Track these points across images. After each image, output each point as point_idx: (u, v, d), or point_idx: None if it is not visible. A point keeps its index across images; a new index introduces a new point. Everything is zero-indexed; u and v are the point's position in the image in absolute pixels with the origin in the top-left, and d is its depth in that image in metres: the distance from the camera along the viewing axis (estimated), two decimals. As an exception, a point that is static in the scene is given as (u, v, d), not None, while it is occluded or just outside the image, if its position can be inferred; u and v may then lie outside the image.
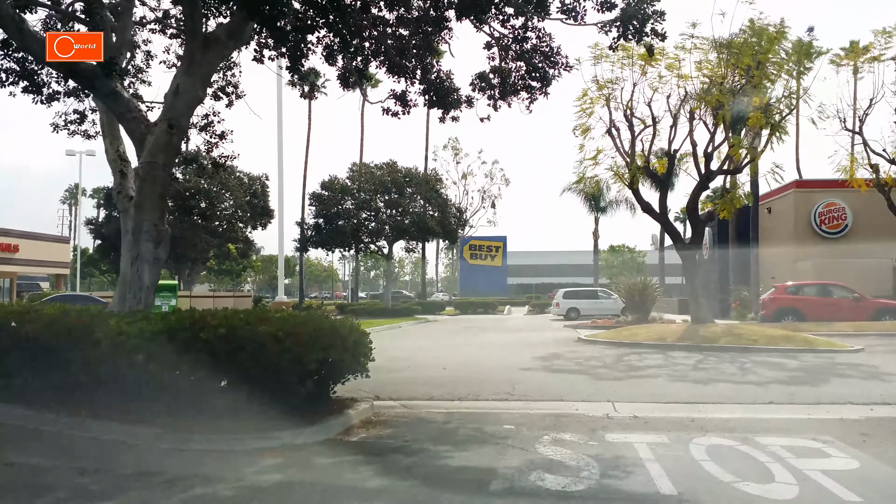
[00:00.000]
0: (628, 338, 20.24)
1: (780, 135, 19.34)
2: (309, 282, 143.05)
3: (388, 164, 50.64)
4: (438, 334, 27.40)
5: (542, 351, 18.24)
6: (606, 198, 61.47)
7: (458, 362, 15.66)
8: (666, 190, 20.84)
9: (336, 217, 49.37)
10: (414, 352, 18.92)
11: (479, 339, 23.69)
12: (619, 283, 33.56)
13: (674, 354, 16.85)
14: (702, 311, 20.55)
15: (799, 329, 22.28)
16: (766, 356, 16.26)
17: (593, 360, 15.74)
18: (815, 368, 14.13)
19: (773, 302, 26.60)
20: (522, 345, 20.69)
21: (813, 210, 33.04)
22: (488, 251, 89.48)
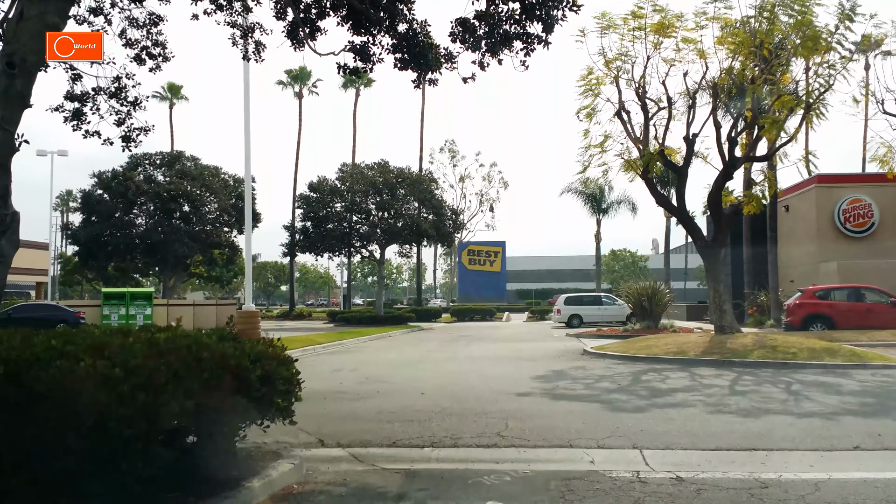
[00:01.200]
0: (642, 350, 17.55)
1: (817, 117, 16.64)
2: (304, 289, 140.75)
3: (380, 165, 47.99)
4: (428, 345, 24.69)
5: (543, 367, 15.54)
6: (608, 198, 59.18)
7: (442, 384, 12.94)
8: (684, 180, 18.11)
9: (325, 220, 46.80)
10: (393, 369, 16.20)
11: (471, 352, 20.98)
12: (627, 288, 30.81)
13: (701, 372, 14.14)
14: (727, 319, 17.84)
15: (834, 338, 19.57)
16: (811, 374, 13.57)
17: (605, 381, 13.03)
18: (882, 391, 11.44)
19: (799, 308, 23.89)
20: (520, 359, 18.00)
21: (836, 207, 30.32)
22: (487, 256, 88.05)
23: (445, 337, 30.58)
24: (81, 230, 48.37)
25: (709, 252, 17.89)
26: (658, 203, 18.65)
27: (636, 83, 17.74)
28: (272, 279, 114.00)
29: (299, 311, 63.08)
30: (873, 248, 29.54)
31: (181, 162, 52.23)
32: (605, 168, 18.12)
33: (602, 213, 59.81)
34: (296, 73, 64.69)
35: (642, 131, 18.42)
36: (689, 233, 18.16)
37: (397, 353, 20.92)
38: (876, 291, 23.46)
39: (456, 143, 77.24)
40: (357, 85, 64.09)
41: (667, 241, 59.95)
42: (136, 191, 48.05)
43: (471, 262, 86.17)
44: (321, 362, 18.19)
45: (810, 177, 30.81)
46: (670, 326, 28.41)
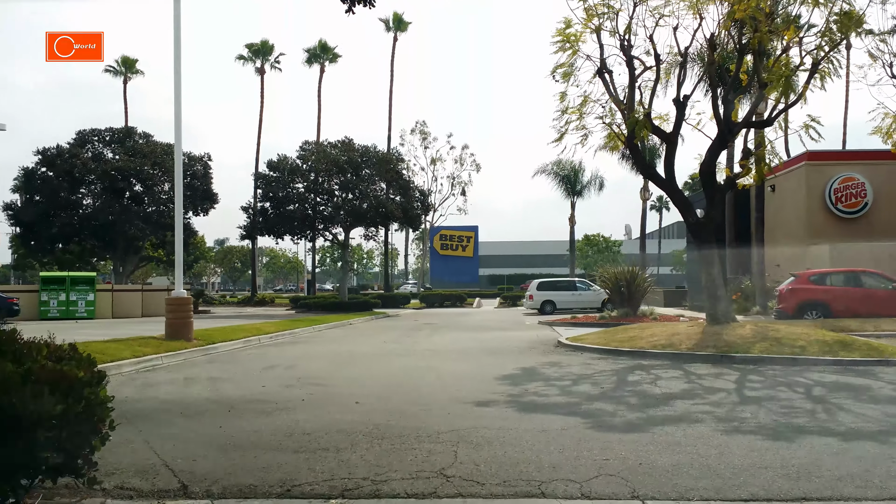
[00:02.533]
0: (625, 342, 15.33)
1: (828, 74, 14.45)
2: (273, 274, 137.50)
3: (344, 143, 45.34)
4: (387, 335, 22.32)
5: (512, 364, 13.24)
6: (582, 179, 57.12)
7: (387, 389, 10.59)
8: (673, 148, 15.81)
9: (285, 201, 44.15)
10: (336, 366, 13.79)
11: (433, 343, 18.66)
12: (604, 273, 28.68)
13: (697, 371, 11.94)
14: (721, 307, 15.66)
15: (837, 328, 17.59)
16: (829, 373, 11.43)
17: (584, 383, 10.76)
18: (925, 396, 9.32)
19: (793, 294, 21.85)
20: (487, 352, 15.71)
21: (827, 186, 28.31)
22: (459, 241, 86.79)
23: (409, 325, 28.26)
24: (23, 210, 45.22)
25: (701, 230, 15.67)
26: (644, 174, 16.40)
27: (620, 35, 15.40)
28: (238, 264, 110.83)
29: (262, 296, 60.33)
30: (867, 230, 27.62)
31: (132, 139, 49.16)
32: (585, 133, 15.77)
33: (576, 196, 57.72)
34: (257, 47, 61.58)
35: (626, 94, 16.13)
36: (679, 207, 15.96)
37: (349, 345, 18.54)
38: (876, 276, 21.49)
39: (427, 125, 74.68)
40: (322, 60, 61.23)
41: (643, 224, 58.12)
42: (82, 169, 44.97)
43: (443, 247, 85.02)
44: (258, 356, 15.77)
45: (799, 154, 28.88)
46: (650, 314, 26.35)
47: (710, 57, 14.91)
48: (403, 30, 60.56)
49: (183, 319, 18.02)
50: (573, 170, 56.76)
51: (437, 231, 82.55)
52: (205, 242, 78.76)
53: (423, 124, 66.95)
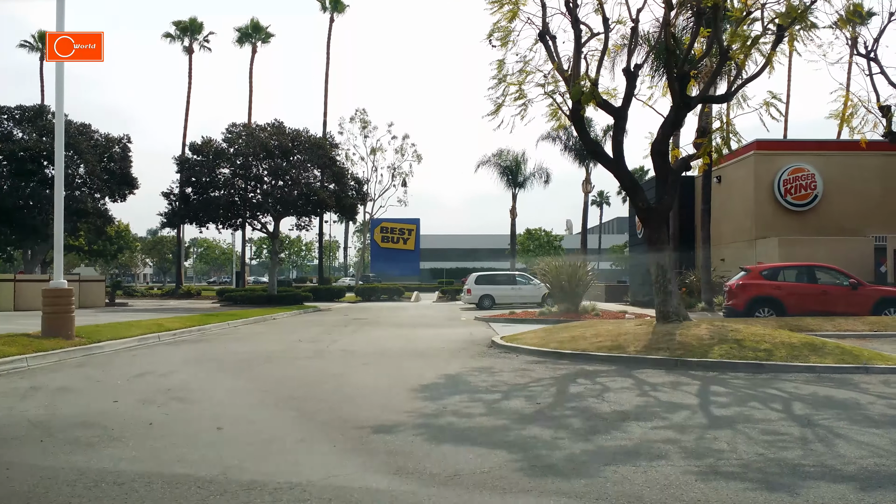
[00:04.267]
0: (567, 343, 13.49)
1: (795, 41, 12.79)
2: (207, 265, 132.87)
3: (274, 126, 42.66)
4: (307, 332, 20.11)
5: (435, 370, 11.23)
6: (524, 171, 55.67)
7: (264, 408, 8.46)
8: (623, 124, 13.94)
9: (210, 186, 41.31)
10: (222, 374, 11.55)
11: (352, 343, 16.56)
12: (544, 266, 26.96)
13: (651, 379, 10.12)
14: (672, 304, 13.93)
15: (795, 326, 16.14)
16: (803, 382, 9.74)
17: (518, 396, 8.79)
18: (927, 415, 7.66)
19: (744, 290, 20.39)
20: (410, 355, 13.69)
21: (776, 177, 27.15)
22: (401, 234, 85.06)
23: (336, 321, 26.08)
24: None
25: (651, 215, 13.89)
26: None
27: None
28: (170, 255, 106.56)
29: (187, 288, 57.20)
30: (816, 223, 26.57)
31: (44, 118, 45.49)
32: (524, 103, 13.81)
33: (518, 188, 56.23)
34: (185, 24, 58.30)
35: (571, 63, 14.25)
36: (627, 191, 14.19)
37: (256, 345, 16.30)
38: (832, 271, 20.18)
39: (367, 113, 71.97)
40: (253, 40, 58.31)
41: (584, 217, 57.04)
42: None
43: (384, 239, 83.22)
44: (142, 359, 13.44)
45: (748, 143, 27.64)
46: (592, 309, 24.75)
47: (667, 17, 13.12)
48: (341, 11, 57.98)
49: (61, 314, 15.47)
50: (515, 160, 55.33)
51: (377, 223, 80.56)
52: (129, 231, 74.76)
53: (363, 112, 64.44)
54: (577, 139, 47.59)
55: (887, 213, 26.19)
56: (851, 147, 26.51)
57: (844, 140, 28.44)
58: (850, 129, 18.88)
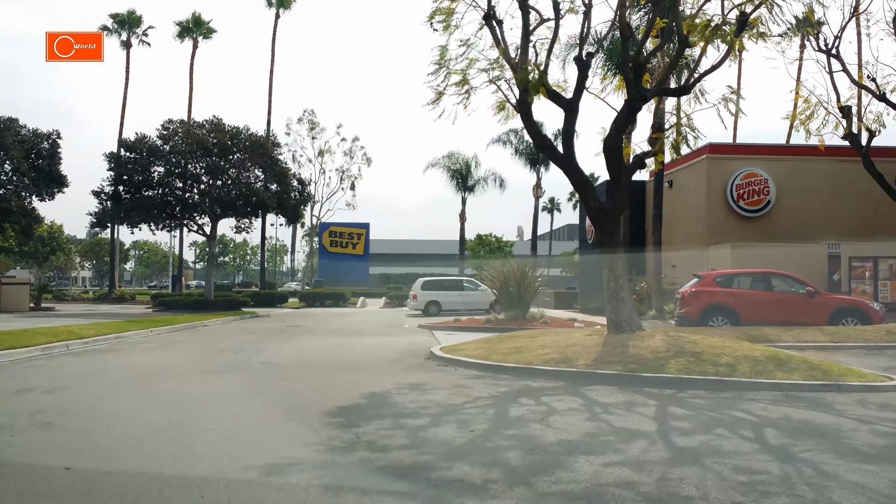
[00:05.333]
0: (511, 355, 12.28)
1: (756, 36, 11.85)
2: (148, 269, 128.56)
3: (213, 122, 40.67)
4: (231, 341, 18.56)
5: (361, 387, 9.87)
6: (475, 175, 54.68)
7: (143, 440, 7.03)
8: (574, 116, 12.80)
9: (143, 185, 39.18)
10: (114, 391, 9.98)
11: (278, 353, 15.12)
12: (492, 271, 25.81)
13: (602, 398, 8.94)
14: (625, 312, 12.82)
15: (753, 337, 15.19)
16: (772, 403, 8.66)
17: (449, 423, 7.50)
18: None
19: (697, 297, 19.48)
20: (339, 368, 12.32)
21: (729, 182, 26.49)
22: (350, 239, 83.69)
23: (270, 328, 24.52)
24: None
25: (604, 217, 12.77)
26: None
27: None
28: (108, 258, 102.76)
29: (121, 293, 54.48)
30: (769, 230, 25.95)
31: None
32: (468, 90, 12.59)
33: (468, 191, 55.14)
34: (123, 17, 55.87)
35: (519, 51, 13.09)
36: (578, 189, 13.07)
37: (169, 357, 14.73)
38: (788, 279, 19.40)
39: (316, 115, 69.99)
40: (195, 35, 56.13)
41: (534, 223, 56.29)
42: None
43: (332, 244, 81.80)
44: (36, 370, 11.85)
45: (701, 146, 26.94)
46: (541, 317, 23.64)
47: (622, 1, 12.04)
48: (287, 7, 56.11)
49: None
50: (465, 164, 54.33)
51: (326, 227, 78.99)
52: (62, 232, 71.56)
53: (311, 113, 62.88)
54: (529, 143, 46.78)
55: (841, 220, 25.75)
56: (805, 152, 26.06)
57: (798, 145, 27.99)
58: (806, 133, 18.20)
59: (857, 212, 26.07)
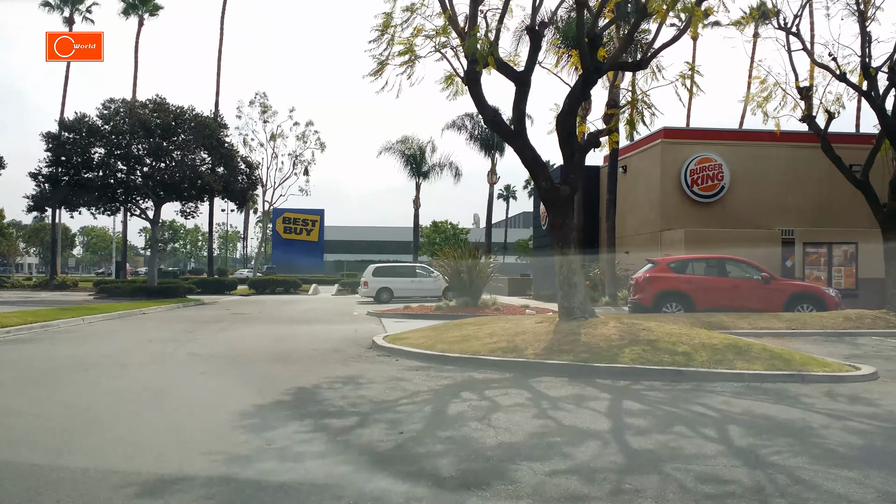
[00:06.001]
0: (456, 344, 11.47)
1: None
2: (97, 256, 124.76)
3: (156, 102, 38.95)
4: (166, 330, 17.45)
5: (289, 381, 8.93)
6: (429, 160, 53.74)
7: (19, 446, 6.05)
8: (526, 90, 11.93)
9: (83, 167, 37.37)
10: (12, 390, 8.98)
11: (212, 344, 14.11)
12: (443, 256, 25.01)
13: (551, 391, 8.20)
14: (577, 299, 12.12)
15: (708, 323, 14.68)
16: (734, 395, 8.00)
17: (379, 422, 6.63)
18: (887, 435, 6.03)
19: (651, 283, 18.95)
20: (273, 359, 11.36)
21: (683, 167, 26.01)
22: (304, 225, 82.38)
23: (212, 316, 23.41)
24: None
25: (556, 198, 12.02)
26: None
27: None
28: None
29: (63, 279, 52.26)
30: (723, 215, 25.55)
31: None
32: (411, 58, 11.67)
33: (422, 177, 54.19)
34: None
35: (468, 19, 12.23)
36: (529, 168, 12.26)
37: (91, 348, 13.56)
38: (743, 264, 18.96)
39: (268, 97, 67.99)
40: (140, 12, 53.96)
41: (489, 210, 55.75)
42: None
43: (286, 230, 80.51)
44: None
45: (656, 130, 26.45)
46: (492, 303, 22.94)
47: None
48: (236, -15, 54.28)
49: None
50: (420, 149, 53.39)
51: (280, 213, 77.62)
52: (2, 216, 68.67)
53: (263, 96, 61.24)
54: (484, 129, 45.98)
55: (795, 207, 25.49)
56: (760, 137, 25.73)
57: (753, 130, 27.66)
58: (764, 115, 17.69)
59: (811, 198, 25.86)
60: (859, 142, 23.84)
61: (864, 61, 15.67)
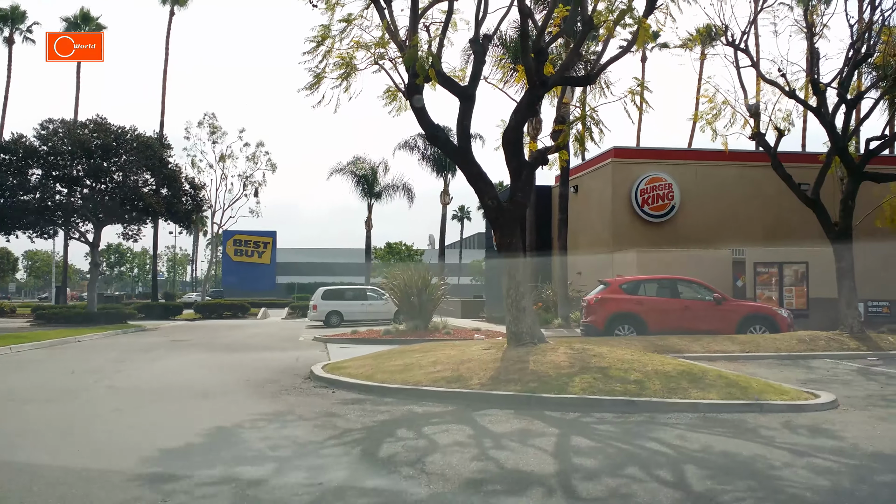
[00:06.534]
0: (398, 374, 10.76)
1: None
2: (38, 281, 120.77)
3: (97, 122, 37.63)
4: (97, 359, 16.41)
5: (208, 420, 8.13)
6: (381, 181, 53.10)
7: None
8: (470, 105, 11.38)
9: (19, 189, 35.81)
10: None
11: (136, 375, 13.18)
12: (393, 278, 24.31)
13: (496, 427, 7.55)
14: (526, 323, 11.53)
15: (661, 347, 14.25)
16: (690, 428, 7.46)
17: (299, 468, 5.88)
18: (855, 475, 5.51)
19: (603, 305, 18.50)
20: (196, 393, 10.49)
21: (634, 186, 25.81)
22: (255, 247, 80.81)
23: (149, 343, 22.27)
24: None
25: (503, 216, 11.47)
26: (429, 136, 11.85)
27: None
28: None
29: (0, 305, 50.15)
30: (674, 235, 25.38)
31: None
32: (347, 71, 11.04)
33: (374, 198, 53.53)
34: (5, 12, 52.41)
35: (408, 31, 11.68)
36: (474, 185, 11.66)
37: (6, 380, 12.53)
38: (695, 285, 18.65)
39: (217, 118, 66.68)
40: (82, 31, 52.52)
41: (442, 230, 55.21)
42: None
43: (237, 252, 78.84)
44: None
45: (606, 150, 26.27)
46: (443, 327, 22.31)
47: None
48: (182, 4, 53.16)
49: None
50: (371, 169, 52.73)
51: (230, 235, 75.92)
52: None
53: (212, 117, 59.85)
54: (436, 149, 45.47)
55: (745, 226, 25.44)
56: (709, 157, 25.73)
57: (702, 149, 27.73)
58: (713, 133, 17.46)
59: (761, 218, 25.87)
60: (807, 161, 23.97)
61: (813, 77, 15.56)
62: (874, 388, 10.54)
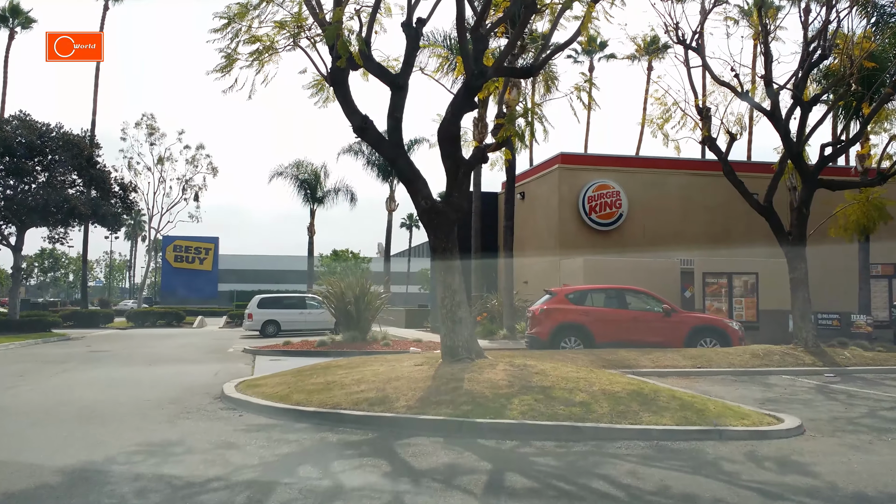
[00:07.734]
0: (317, 394, 9.54)
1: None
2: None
3: (20, 119, 35.52)
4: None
5: (80, 451, 6.84)
6: (325, 185, 51.63)
7: None
8: (402, 95, 10.25)
9: (-66, 189, 33.55)
10: None
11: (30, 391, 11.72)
12: (329, 286, 23.06)
13: (419, 461, 6.42)
14: (462, 336, 10.44)
15: (612, 362, 13.39)
16: (641, 461, 6.45)
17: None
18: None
19: (548, 316, 17.55)
20: (88, 416, 9.11)
21: (581, 194, 25.05)
22: (197, 254, 78.45)
23: (62, 355, 20.56)
24: None
25: (438, 218, 10.38)
26: (356, 128, 10.59)
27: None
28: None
29: None
30: (621, 243, 24.66)
31: None
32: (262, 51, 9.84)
33: (317, 203, 51.96)
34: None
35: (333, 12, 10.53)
36: (406, 182, 10.52)
37: None
38: (643, 295, 17.84)
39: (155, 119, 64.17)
40: (11, 25, 50.12)
41: (387, 238, 53.97)
42: None
43: (177, 259, 76.39)
44: None
45: (552, 156, 25.48)
46: (382, 338, 21.10)
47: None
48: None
49: None
50: (314, 174, 51.24)
51: (170, 241, 73.51)
52: None
53: (150, 118, 57.50)
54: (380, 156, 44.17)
55: (693, 234, 24.88)
56: (657, 164, 25.17)
57: (651, 157, 27.15)
58: (664, 136, 16.74)
59: (710, 226, 25.38)
60: (755, 170, 23.55)
61: (768, 78, 14.91)
62: (838, 409, 9.73)
